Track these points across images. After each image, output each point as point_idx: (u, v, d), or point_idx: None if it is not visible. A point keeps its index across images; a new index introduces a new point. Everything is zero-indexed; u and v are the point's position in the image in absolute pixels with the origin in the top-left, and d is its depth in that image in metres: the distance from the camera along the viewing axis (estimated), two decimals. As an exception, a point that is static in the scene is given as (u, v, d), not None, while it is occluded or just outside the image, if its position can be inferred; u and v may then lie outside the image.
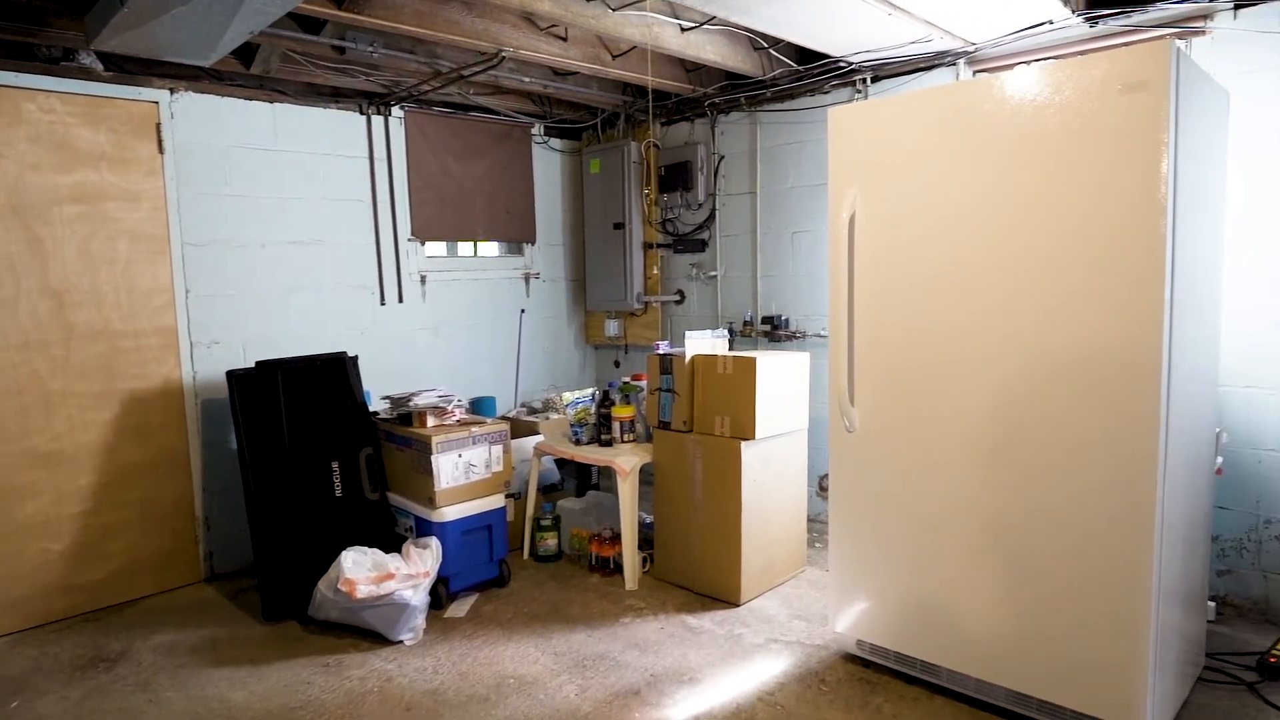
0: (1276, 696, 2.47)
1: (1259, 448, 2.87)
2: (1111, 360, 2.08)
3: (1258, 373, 2.86)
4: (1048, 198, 2.16)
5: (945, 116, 2.33)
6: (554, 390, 4.91)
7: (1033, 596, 2.27)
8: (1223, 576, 2.99)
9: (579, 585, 3.50)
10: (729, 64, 3.74)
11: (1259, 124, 2.81)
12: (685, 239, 4.63)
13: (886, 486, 2.56)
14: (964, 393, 2.36)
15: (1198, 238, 2.23)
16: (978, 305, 2.31)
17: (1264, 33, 2.77)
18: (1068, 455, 2.17)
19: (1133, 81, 1.99)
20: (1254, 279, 2.85)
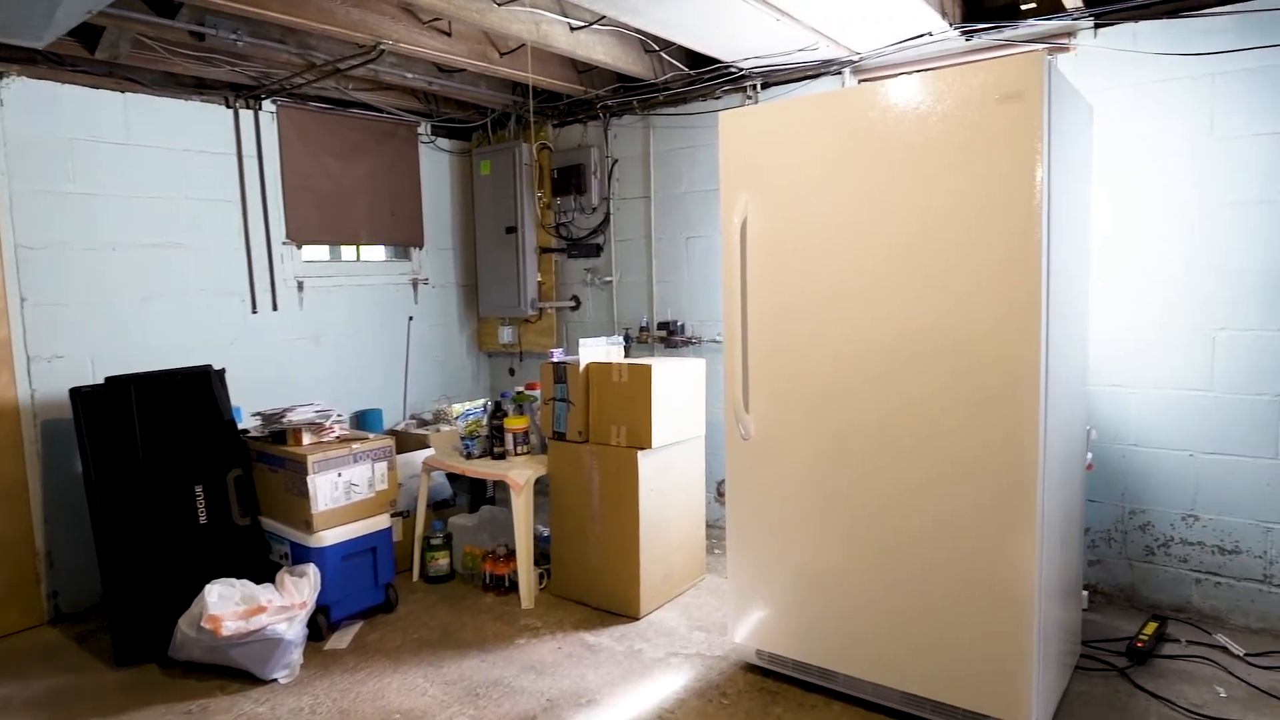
0: (1144, 680, 2.59)
1: (1123, 443, 3.04)
2: (996, 363, 2.12)
3: (1121, 373, 3.02)
4: (932, 204, 2.19)
5: (833, 122, 2.34)
6: (446, 401, 4.71)
7: (924, 598, 2.30)
8: (1094, 566, 3.15)
9: (472, 606, 3.34)
10: (620, 65, 3.68)
11: (1121, 139, 2.96)
12: (580, 243, 4.54)
13: (782, 494, 2.54)
14: (856, 398, 2.37)
15: (1069, 244, 2.31)
16: (868, 311, 2.32)
17: (1121, 50, 2.94)
18: (956, 458, 2.21)
19: (1009, 91, 2.04)
20: (1117, 285, 3.01)
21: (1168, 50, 2.85)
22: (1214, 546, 2.91)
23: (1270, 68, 2.70)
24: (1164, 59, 2.86)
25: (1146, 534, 3.03)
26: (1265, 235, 2.74)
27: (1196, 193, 2.84)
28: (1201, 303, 2.86)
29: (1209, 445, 2.88)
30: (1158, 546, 3.01)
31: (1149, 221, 2.93)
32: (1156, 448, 2.98)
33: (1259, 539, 2.83)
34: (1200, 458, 2.90)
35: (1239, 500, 2.85)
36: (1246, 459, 2.83)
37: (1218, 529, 2.90)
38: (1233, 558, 2.88)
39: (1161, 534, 3.00)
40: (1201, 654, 2.73)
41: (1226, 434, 2.85)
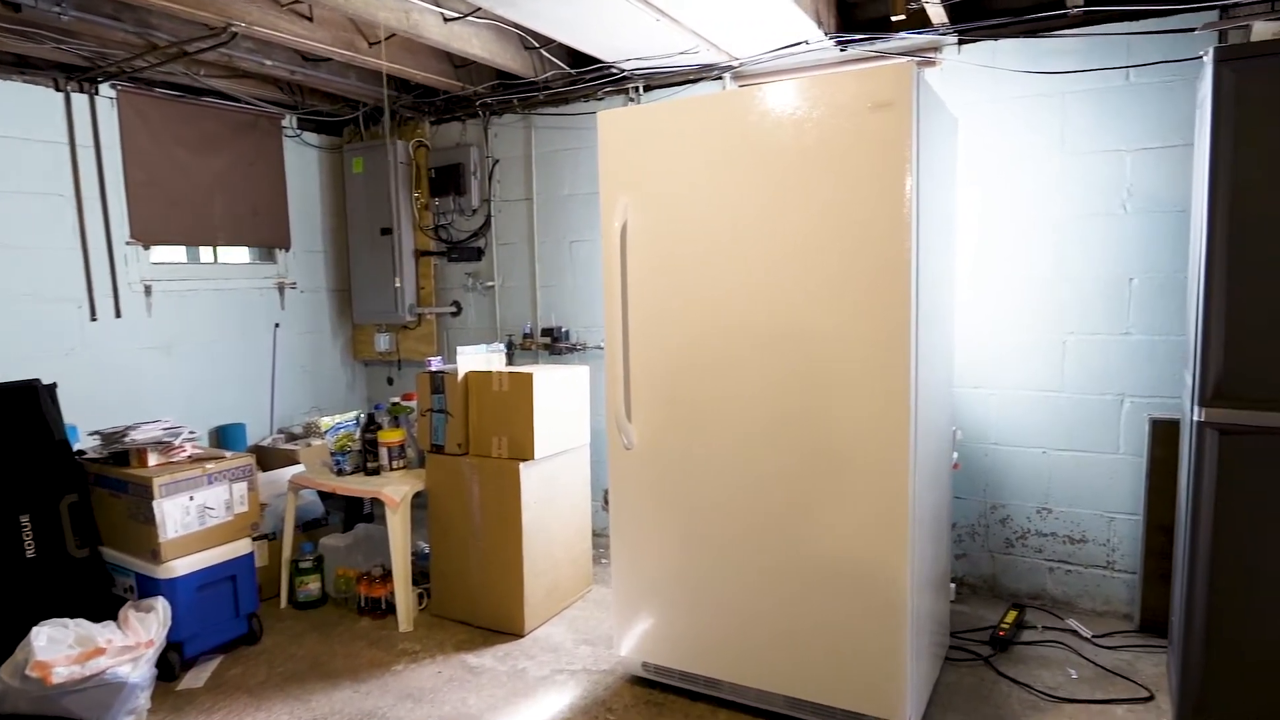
0: (1007, 667, 2.73)
1: (986, 442, 3.19)
2: (870, 369, 2.17)
3: (984, 376, 3.18)
4: (809, 209, 2.21)
5: (712, 125, 2.33)
6: (317, 413, 4.45)
7: (804, 603, 2.33)
8: (960, 559, 3.30)
9: (346, 633, 3.15)
10: (498, 61, 3.56)
11: (986, 150, 3.11)
12: (460, 246, 4.38)
13: (666, 503, 2.52)
14: (737, 405, 2.37)
15: (938, 251, 2.39)
16: (749, 317, 2.33)
17: (982, 66, 3.08)
18: (832, 464, 2.24)
19: (881, 100, 2.08)
20: (982, 291, 3.16)
21: (1024, 68, 3.01)
22: (1065, 537, 3.11)
23: (1112, 89, 2.89)
24: (1021, 76, 3.02)
25: (1006, 527, 3.20)
26: (1108, 245, 2.94)
27: (1051, 204, 3.02)
28: (1055, 308, 3.04)
29: (1060, 442, 3.07)
30: (1016, 538, 3.19)
31: (1012, 231, 3.09)
32: (1015, 445, 3.15)
33: (1103, 529, 3.04)
34: (1053, 454, 3.09)
35: (1086, 493, 3.05)
36: (1092, 454, 3.03)
37: (1068, 520, 3.09)
38: (1081, 547, 3.09)
39: (1019, 527, 3.18)
40: (1055, 638, 2.91)
41: (1075, 431, 3.04)
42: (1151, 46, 2.82)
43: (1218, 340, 2.18)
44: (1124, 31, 2.85)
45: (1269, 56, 2.08)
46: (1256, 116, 2.09)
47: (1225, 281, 2.16)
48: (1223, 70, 2.12)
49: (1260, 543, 2.17)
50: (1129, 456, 2.97)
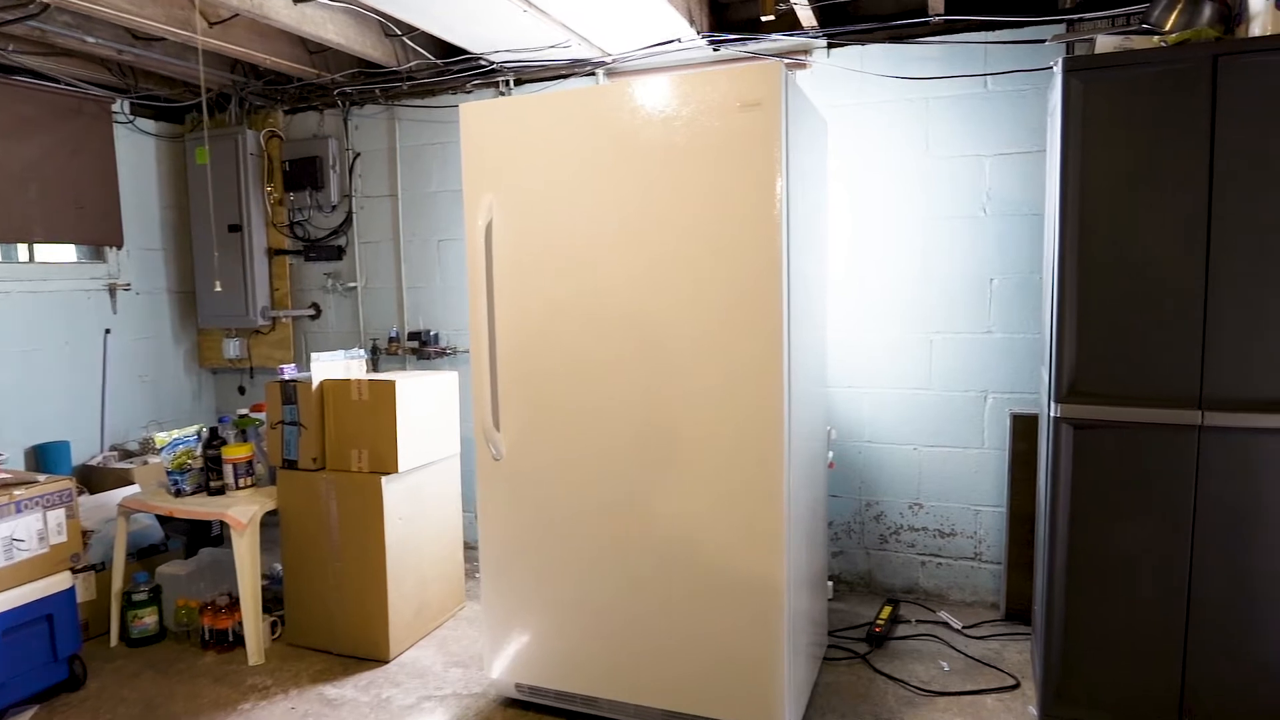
0: (883, 663, 2.76)
1: (859, 440, 3.24)
2: (742, 368, 2.11)
3: (856, 375, 3.22)
4: (680, 209, 2.14)
5: (580, 120, 2.22)
6: (157, 427, 4.04)
7: (678, 614, 2.25)
8: (837, 557, 3.33)
9: (187, 670, 2.83)
10: (355, 48, 3.32)
11: (858, 153, 3.15)
12: (319, 245, 4.08)
13: (536, 516, 2.39)
14: (609, 411, 2.27)
15: (809, 252, 2.38)
16: (619, 319, 2.23)
17: (851, 70, 3.12)
18: (705, 471, 2.18)
19: (750, 99, 2.04)
20: (855, 292, 3.20)
21: (890, 73, 3.07)
22: (935, 530, 3.19)
23: (971, 96, 2.99)
24: (888, 81, 3.07)
25: (880, 523, 3.25)
26: (970, 247, 3.03)
27: (917, 207, 3.09)
28: (922, 308, 3.11)
29: (930, 438, 3.15)
30: (890, 534, 3.25)
31: (881, 232, 3.14)
32: (887, 443, 3.21)
33: (970, 521, 3.14)
34: (923, 450, 3.16)
35: (954, 487, 3.14)
36: (959, 449, 3.12)
37: (938, 514, 3.18)
38: (950, 539, 3.17)
39: (893, 522, 3.24)
40: (928, 631, 2.97)
41: (943, 427, 3.12)
42: (1007, 56, 2.93)
43: (1070, 339, 2.26)
44: (981, 41, 2.94)
45: (1112, 68, 2.18)
46: (1101, 124, 2.18)
47: (1076, 282, 2.24)
48: (1071, 80, 2.20)
49: (1112, 532, 2.26)
50: (993, 451, 3.08)
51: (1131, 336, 2.20)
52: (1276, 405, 2.11)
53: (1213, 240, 2.12)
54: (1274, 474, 2.13)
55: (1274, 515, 2.13)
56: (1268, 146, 2.05)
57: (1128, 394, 2.22)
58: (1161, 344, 2.18)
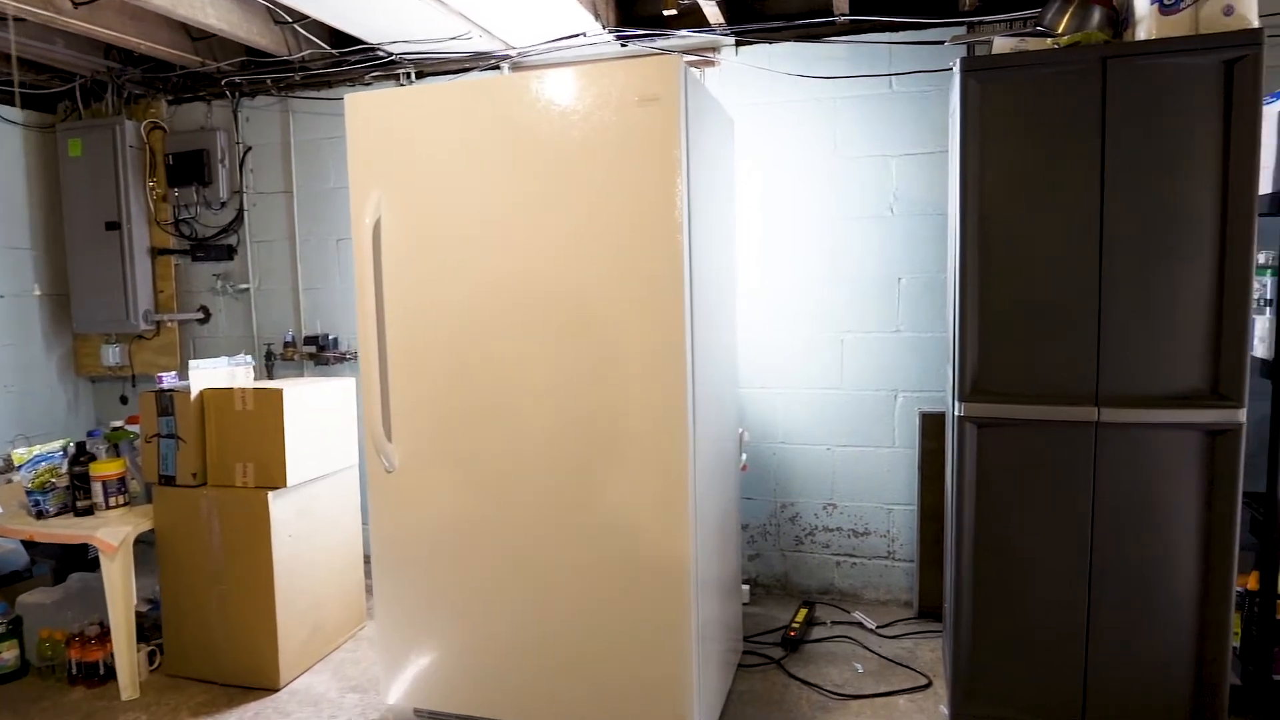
0: (797, 667, 2.72)
1: (773, 442, 3.21)
2: (644, 371, 2.03)
3: (769, 375, 3.19)
4: (578, 206, 2.04)
5: (472, 114, 2.10)
6: (25, 441, 3.70)
7: (584, 628, 2.15)
8: (753, 560, 3.29)
9: (51, 708, 2.58)
10: (240, 35, 3.11)
11: (768, 153, 3.12)
12: (207, 244, 3.83)
13: (433, 531, 2.25)
14: (505, 420, 2.15)
15: (714, 251, 2.32)
16: (516, 322, 2.12)
17: (759, 69, 3.09)
18: (608, 479, 2.09)
19: (648, 94, 1.96)
20: (768, 293, 3.16)
21: (798, 72, 3.05)
22: (850, 530, 3.18)
23: (877, 96, 2.99)
24: (797, 80, 3.05)
25: (796, 525, 3.23)
26: (878, 246, 3.04)
27: (827, 206, 3.08)
28: (833, 307, 3.10)
29: (842, 438, 3.14)
30: (805, 535, 3.23)
31: (792, 232, 3.12)
32: (801, 444, 3.19)
33: (883, 520, 3.15)
34: (836, 450, 3.15)
35: (867, 486, 3.14)
36: (870, 449, 3.12)
37: (852, 514, 3.17)
38: (864, 539, 3.17)
39: (808, 523, 3.22)
40: (843, 632, 2.95)
41: (855, 427, 3.12)
42: (911, 57, 2.94)
43: (972, 338, 2.27)
44: (885, 41, 2.95)
45: (1007, 68, 2.19)
46: (999, 123, 2.19)
47: (976, 282, 2.24)
48: (968, 80, 2.20)
49: (1016, 529, 2.28)
50: (904, 449, 3.09)
51: (1032, 335, 2.22)
52: (1164, 400, 2.16)
53: (1105, 239, 2.16)
54: (1164, 468, 2.17)
55: (1165, 511, 2.18)
56: (1152, 147, 2.09)
57: (1029, 392, 2.24)
58: (1060, 341, 2.21)
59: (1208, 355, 2.13)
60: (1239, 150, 2.06)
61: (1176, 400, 2.15)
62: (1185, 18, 2.11)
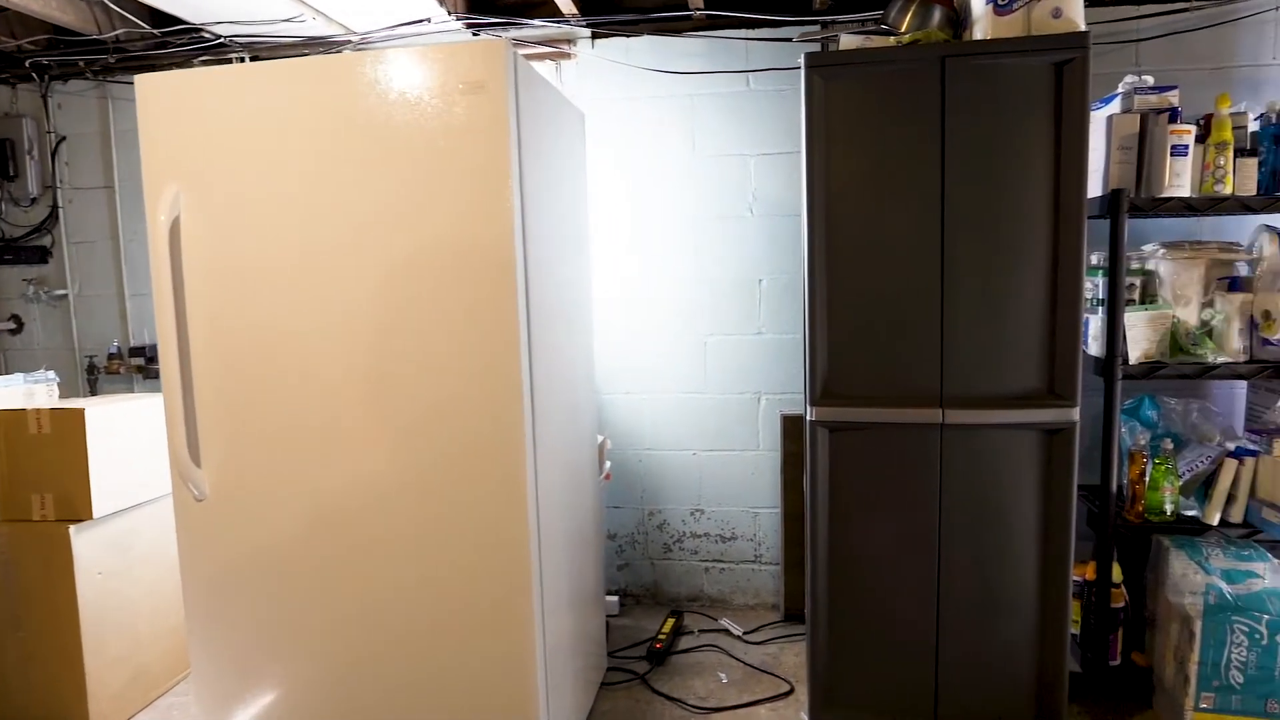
0: (662, 682, 2.64)
1: (639, 448, 3.12)
2: (479, 379, 1.89)
3: (635, 380, 3.10)
4: (400, 202, 1.88)
5: (284, 99, 1.90)
6: None
7: (418, 661, 1.99)
8: (622, 570, 3.20)
9: None
10: (36, 8, 2.77)
11: (630, 151, 3.02)
12: (16, 245, 3.42)
13: (251, 563, 2.04)
14: (329, 437, 1.97)
15: (560, 251, 2.20)
16: (339, 331, 1.94)
17: (616, 63, 2.98)
18: (443, 492, 1.93)
19: (472, 81, 1.82)
20: (632, 295, 3.07)
21: (656, 67, 2.96)
22: (717, 536, 3.13)
23: (735, 94, 2.94)
24: (657, 76, 2.97)
25: (664, 532, 3.16)
26: (739, 247, 2.99)
27: (688, 206, 3.01)
28: (696, 309, 3.04)
29: (708, 443, 3.09)
30: (674, 542, 3.16)
31: (656, 233, 3.03)
32: (668, 449, 3.11)
33: (750, 524, 3.11)
34: (701, 455, 3.10)
35: (733, 490, 3.10)
36: (736, 452, 3.08)
37: (719, 519, 3.12)
38: (732, 544, 3.13)
39: (676, 530, 3.15)
40: (710, 641, 2.90)
41: (720, 431, 3.07)
42: (767, 54, 2.91)
43: (822, 341, 2.23)
44: (741, 38, 2.91)
45: (851, 65, 2.16)
46: (844, 122, 2.16)
47: (825, 284, 2.21)
48: (813, 77, 2.16)
49: (869, 532, 2.26)
50: (768, 452, 3.06)
51: (880, 337, 2.21)
52: (1004, 400, 2.18)
53: (946, 240, 2.16)
54: (1005, 467, 2.20)
55: (1008, 509, 2.21)
56: (988, 148, 2.11)
57: (878, 394, 2.23)
58: (907, 343, 2.20)
59: (1044, 355, 2.17)
60: (1068, 152, 2.10)
61: (1016, 400, 2.18)
62: (1018, 19, 2.13)
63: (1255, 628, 2.20)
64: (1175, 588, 2.36)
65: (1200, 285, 2.45)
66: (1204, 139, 2.37)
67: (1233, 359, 2.39)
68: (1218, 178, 2.35)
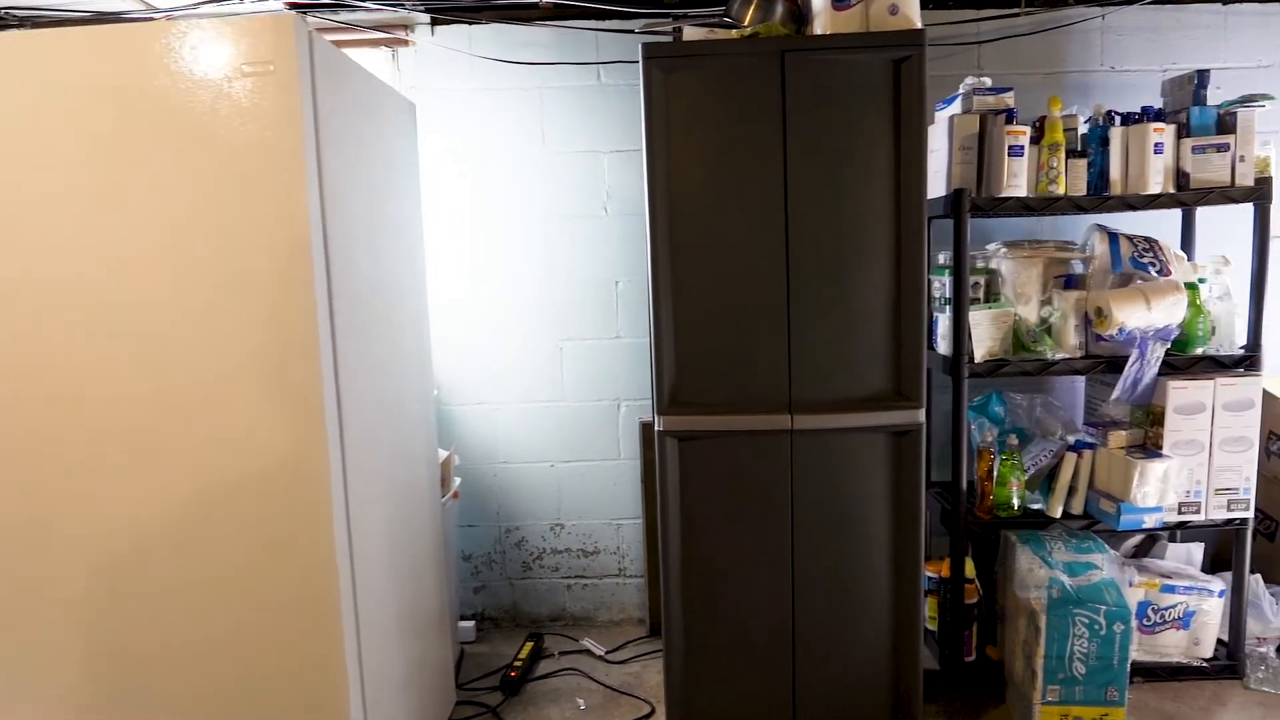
0: (516, 713, 2.48)
1: (493, 461, 2.94)
2: (269, 395, 1.67)
3: (488, 390, 2.91)
4: (180, 200, 1.64)
5: (31, 75, 1.62)
6: None
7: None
8: (479, 593, 3.01)
9: None
10: None
11: (473, 145, 2.83)
12: None
13: (9, 596, 1.75)
14: (87, 467, 1.70)
15: (381, 255, 2.00)
16: (105, 348, 1.67)
17: (458, 51, 2.79)
18: (226, 526, 1.70)
19: (256, 60, 1.60)
20: (480, 299, 2.88)
21: (501, 57, 2.79)
22: (579, 551, 2.99)
23: (586, 88, 2.81)
24: (503, 67, 2.80)
25: (522, 550, 2.99)
26: (594, 247, 2.86)
27: (540, 204, 2.85)
28: (551, 313, 2.88)
29: (567, 453, 2.94)
30: (533, 560, 2.99)
31: (506, 233, 2.86)
32: (524, 462, 2.94)
33: (613, 537, 2.98)
34: (560, 466, 2.94)
35: (595, 502, 2.96)
36: (596, 462, 2.94)
37: (580, 533, 2.98)
38: (595, 558, 2.99)
39: (535, 547, 2.99)
40: (569, 664, 2.75)
41: (579, 441, 2.93)
42: (618, 46, 2.79)
43: (669, 347, 2.13)
44: (592, 28, 2.78)
45: (691, 57, 2.06)
46: (685, 117, 2.06)
47: (670, 286, 2.10)
48: (651, 69, 2.05)
49: (721, 542, 2.18)
50: (629, 461, 2.94)
51: (727, 341, 2.12)
52: (852, 404, 2.13)
53: (791, 240, 2.09)
54: (856, 471, 2.15)
55: (859, 513, 2.17)
56: (830, 146, 2.05)
57: (727, 401, 2.14)
58: (755, 347, 2.12)
59: (890, 358, 2.13)
60: (907, 150, 2.06)
61: (864, 403, 2.14)
62: (856, 14, 2.09)
63: (1095, 619, 2.24)
64: (1022, 583, 2.39)
65: (1039, 283, 2.50)
66: (1039, 140, 2.41)
67: (1070, 355, 2.44)
68: (1051, 178, 2.39)
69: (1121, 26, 2.80)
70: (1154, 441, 2.46)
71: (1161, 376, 2.40)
